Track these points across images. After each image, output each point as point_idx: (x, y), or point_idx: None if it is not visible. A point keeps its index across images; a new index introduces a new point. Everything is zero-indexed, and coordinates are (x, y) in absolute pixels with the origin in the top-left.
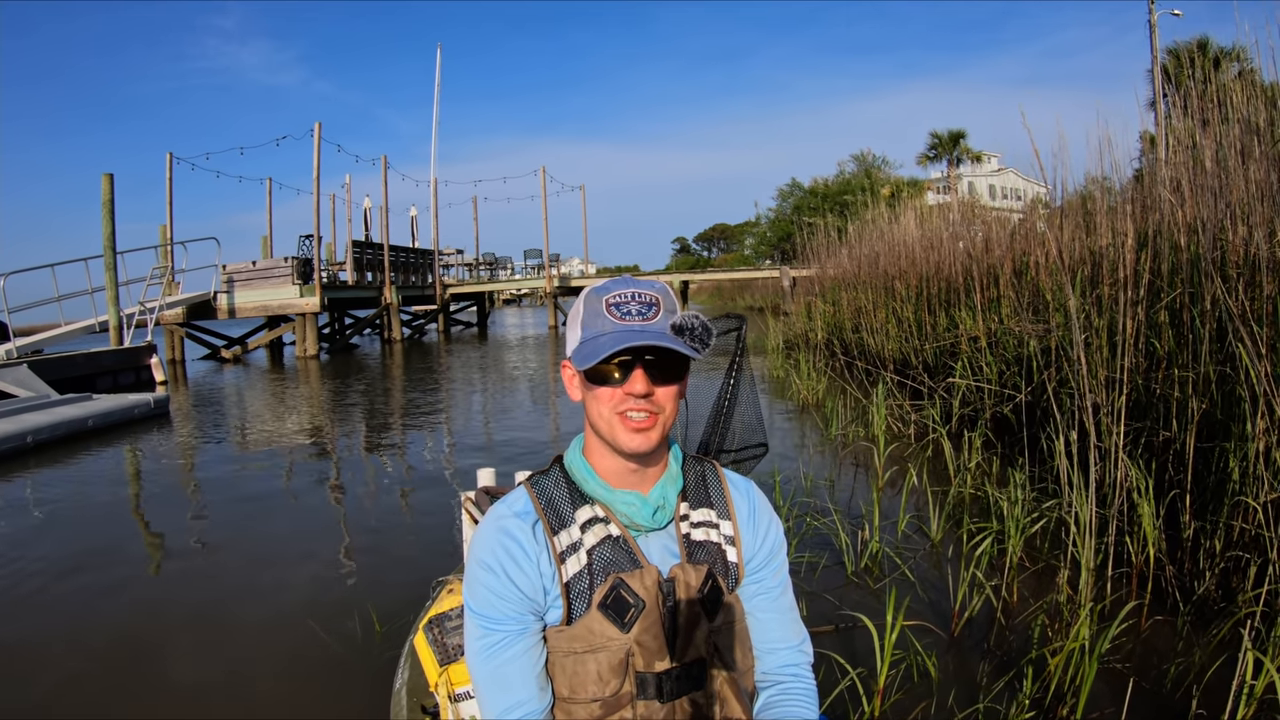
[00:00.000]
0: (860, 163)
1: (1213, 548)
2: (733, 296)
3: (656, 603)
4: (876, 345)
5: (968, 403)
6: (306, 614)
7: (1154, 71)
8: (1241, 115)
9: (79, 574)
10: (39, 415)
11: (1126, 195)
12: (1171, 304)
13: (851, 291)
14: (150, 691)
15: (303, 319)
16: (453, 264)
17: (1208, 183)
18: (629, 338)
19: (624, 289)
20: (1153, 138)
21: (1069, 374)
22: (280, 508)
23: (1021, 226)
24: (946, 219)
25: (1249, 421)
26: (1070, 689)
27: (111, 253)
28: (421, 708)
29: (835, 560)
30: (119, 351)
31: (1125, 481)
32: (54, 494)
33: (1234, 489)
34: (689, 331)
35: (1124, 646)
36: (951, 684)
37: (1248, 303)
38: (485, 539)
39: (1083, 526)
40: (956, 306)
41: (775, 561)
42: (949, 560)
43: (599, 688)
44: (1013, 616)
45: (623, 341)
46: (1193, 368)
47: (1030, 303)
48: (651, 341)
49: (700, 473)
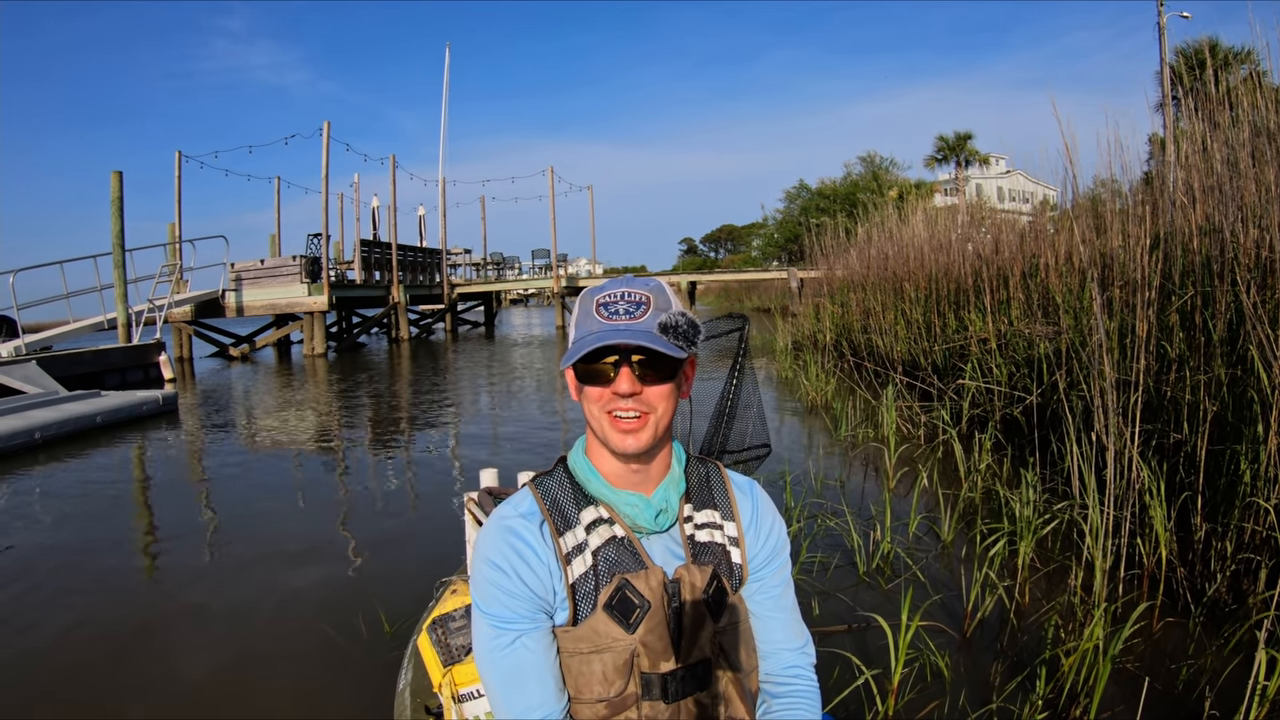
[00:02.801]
0: (868, 164)
1: (1224, 549)
2: (740, 297)
3: (661, 603)
4: (885, 347)
5: (977, 404)
6: (311, 613)
7: (1163, 74)
8: (1251, 118)
9: (86, 570)
10: (47, 412)
11: (1138, 198)
12: (1183, 306)
13: (860, 293)
14: (155, 689)
15: (310, 317)
16: (460, 263)
17: (1219, 185)
18: (609, 337)
19: (616, 289)
20: (1162, 140)
21: (1079, 376)
22: (286, 506)
23: (1031, 228)
24: (955, 221)
25: (1260, 423)
26: (1084, 690)
27: (120, 250)
28: (425, 708)
29: (847, 560)
30: (127, 349)
31: (1137, 483)
32: (61, 490)
33: (1245, 491)
34: (673, 330)
35: (1136, 648)
36: (964, 684)
37: (1260, 304)
38: (492, 540)
39: (1095, 528)
40: (966, 308)
41: (777, 561)
42: (961, 561)
43: (604, 688)
44: (1025, 617)
45: (601, 340)
46: (1204, 370)
47: (1040, 304)
48: (630, 339)
49: (704, 474)
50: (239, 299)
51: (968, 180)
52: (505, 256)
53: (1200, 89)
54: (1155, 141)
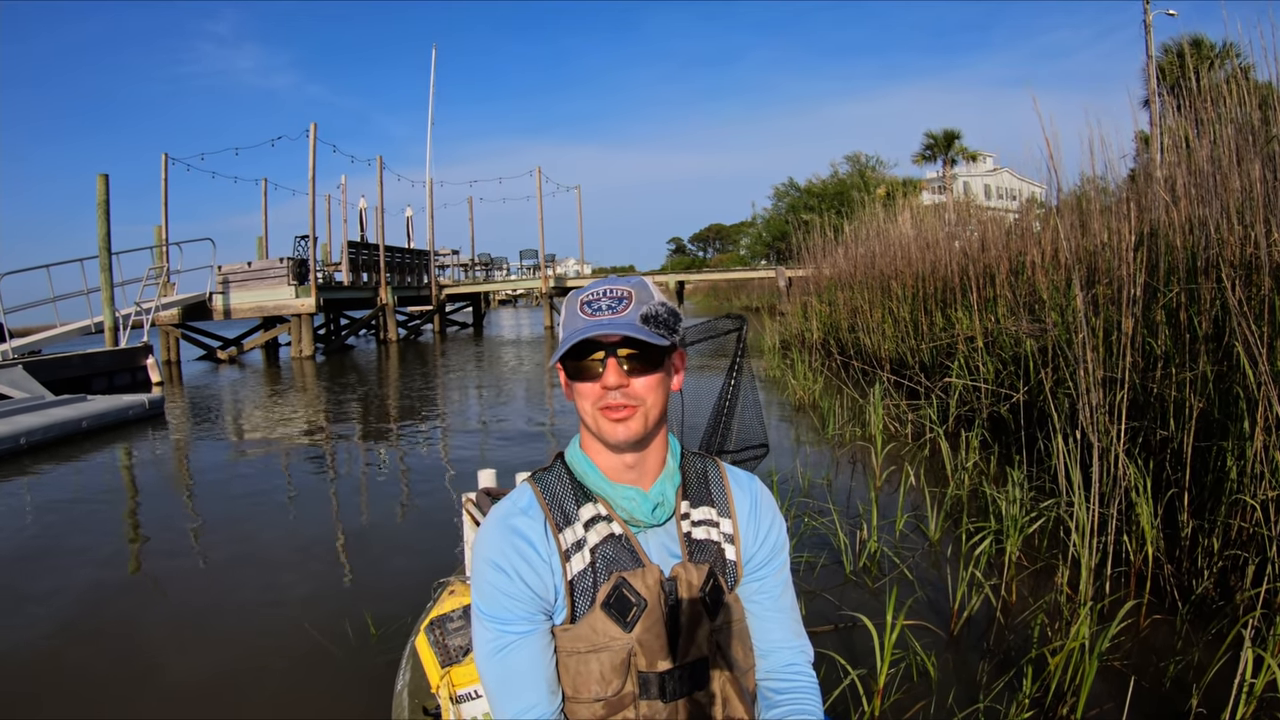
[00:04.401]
0: (854, 163)
1: (1211, 546)
2: (728, 297)
3: (658, 602)
4: (873, 345)
5: (964, 402)
6: (304, 616)
7: (1149, 71)
8: (1235, 115)
9: (72, 575)
10: (33, 416)
11: (1123, 195)
12: (1168, 303)
13: (847, 291)
14: (146, 694)
15: (298, 320)
16: (448, 264)
17: (1203, 182)
18: (592, 331)
19: (599, 288)
20: (1147, 137)
21: (1066, 374)
22: (276, 509)
23: (1017, 226)
24: (942, 219)
25: (1246, 420)
26: (1070, 688)
27: (107, 254)
28: (423, 709)
29: (833, 559)
30: (115, 352)
31: (1124, 480)
32: (47, 496)
33: (1232, 487)
34: (654, 319)
35: (1123, 645)
36: (951, 683)
37: (1245, 301)
38: (493, 539)
39: (1081, 526)
40: (953, 306)
41: (776, 560)
42: (947, 560)
43: (601, 687)
44: (1012, 616)
45: (584, 334)
46: (1190, 367)
47: (1027, 302)
48: (613, 330)
49: (701, 469)
50: (226, 302)
51: (955, 178)
52: (493, 257)
53: (1184, 85)
54: (1140, 139)
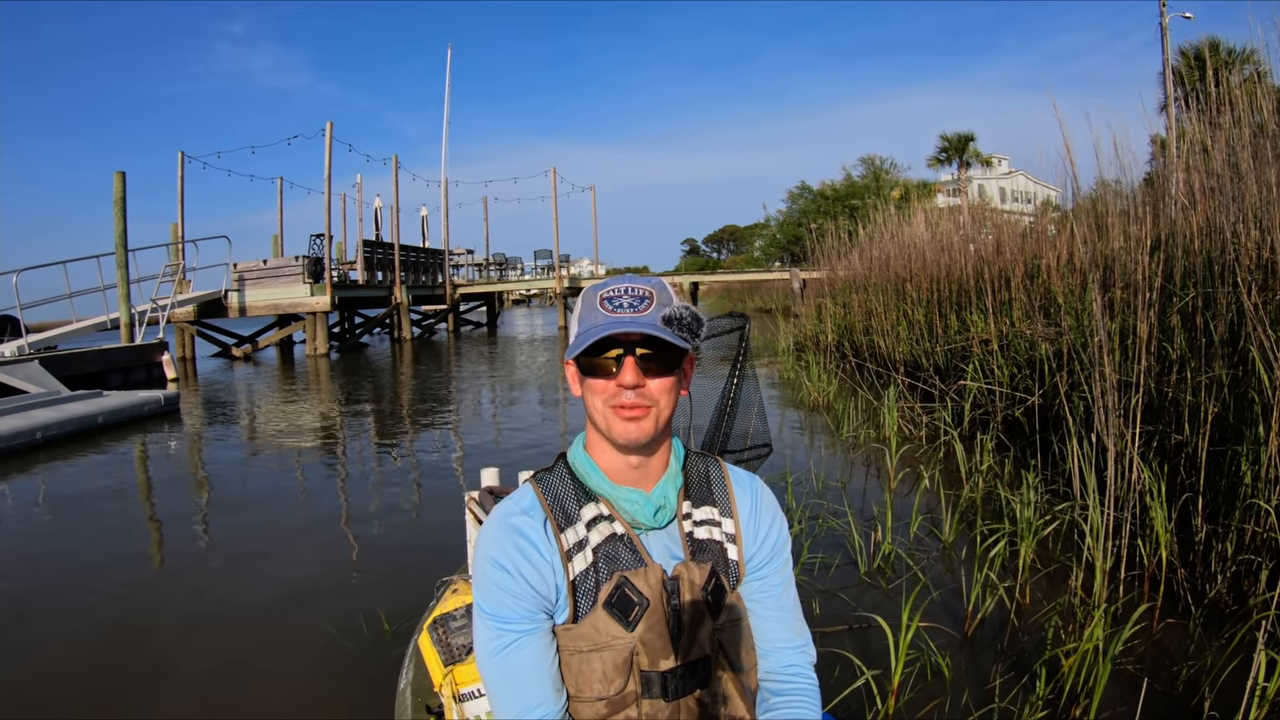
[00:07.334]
0: (868, 166)
1: (1225, 551)
2: (742, 298)
3: (661, 601)
4: (887, 347)
5: (979, 405)
6: (311, 613)
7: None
8: (1252, 119)
9: (86, 570)
10: (49, 411)
11: (1139, 199)
12: (1184, 308)
13: (862, 294)
14: (155, 689)
15: (313, 318)
16: (463, 264)
17: (1219, 186)
18: (615, 327)
19: (620, 284)
20: (1163, 141)
21: (1081, 377)
22: (288, 506)
23: (1033, 230)
24: (957, 222)
25: (1261, 425)
26: (1084, 690)
27: (123, 250)
28: (426, 708)
29: (848, 561)
30: (130, 349)
31: (1138, 484)
32: (63, 490)
33: (1246, 492)
34: (678, 321)
35: (1136, 649)
36: (965, 684)
37: (1261, 306)
38: (495, 538)
39: (1095, 529)
40: (968, 309)
41: (778, 560)
42: (962, 562)
43: (604, 686)
44: (1026, 618)
45: (607, 330)
46: (1205, 371)
47: (1042, 305)
48: (635, 329)
49: (703, 469)
50: (241, 299)
51: (970, 181)
52: (508, 257)
53: (1201, 89)
54: (1157, 142)
